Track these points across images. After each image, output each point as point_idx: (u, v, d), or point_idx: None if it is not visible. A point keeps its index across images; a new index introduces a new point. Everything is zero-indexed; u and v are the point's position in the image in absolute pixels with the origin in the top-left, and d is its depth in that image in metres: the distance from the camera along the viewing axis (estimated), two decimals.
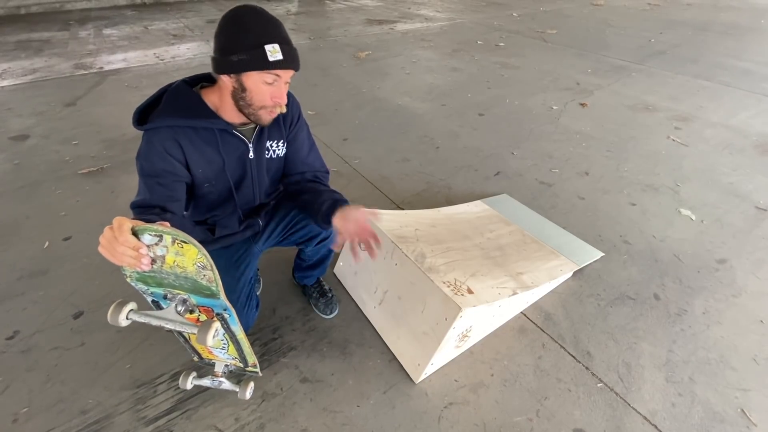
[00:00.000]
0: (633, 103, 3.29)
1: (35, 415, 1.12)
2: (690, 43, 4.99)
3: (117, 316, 0.72)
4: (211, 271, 0.73)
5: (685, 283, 1.64)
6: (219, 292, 0.77)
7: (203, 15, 5.81)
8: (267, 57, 0.85)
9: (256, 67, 0.86)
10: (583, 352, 1.35)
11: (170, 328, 0.76)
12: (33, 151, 2.40)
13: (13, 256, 1.65)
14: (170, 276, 0.75)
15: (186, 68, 3.73)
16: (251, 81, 0.88)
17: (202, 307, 0.83)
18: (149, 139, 0.92)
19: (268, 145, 1.08)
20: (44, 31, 4.82)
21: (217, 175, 1.01)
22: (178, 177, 0.94)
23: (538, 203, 2.07)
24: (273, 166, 1.14)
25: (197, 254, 0.71)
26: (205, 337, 0.72)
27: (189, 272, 0.74)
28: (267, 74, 0.88)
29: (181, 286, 0.78)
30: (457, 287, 1.21)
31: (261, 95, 0.90)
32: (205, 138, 0.96)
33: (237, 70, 0.87)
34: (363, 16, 5.97)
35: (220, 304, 0.81)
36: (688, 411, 1.19)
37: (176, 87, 0.96)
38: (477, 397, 1.21)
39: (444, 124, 2.90)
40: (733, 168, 2.44)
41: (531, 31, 5.35)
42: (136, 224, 0.69)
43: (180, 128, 0.92)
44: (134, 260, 0.69)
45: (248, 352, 1.00)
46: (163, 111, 0.92)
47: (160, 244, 0.70)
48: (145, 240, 0.70)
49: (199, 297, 0.80)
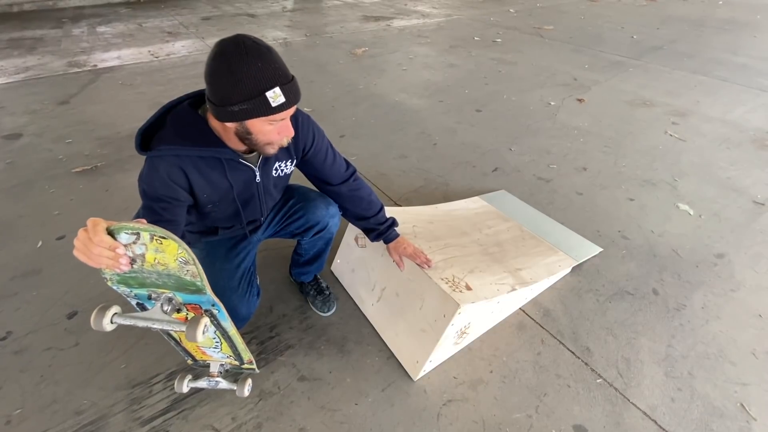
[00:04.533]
0: (630, 99, 3.29)
1: (29, 417, 1.10)
2: (686, 39, 4.99)
3: (101, 321, 0.69)
4: (194, 265, 0.70)
5: (683, 277, 1.64)
6: (205, 287, 0.74)
7: (198, 12, 5.76)
8: (270, 104, 0.81)
9: (259, 115, 0.82)
10: (582, 347, 1.35)
11: (158, 328, 0.74)
12: (26, 149, 2.37)
13: (6, 256, 1.63)
14: (152, 275, 0.73)
15: (181, 65, 3.70)
16: (256, 126, 0.85)
17: (190, 305, 0.81)
18: (152, 165, 0.89)
19: (277, 166, 1.07)
20: (37, 29, 4.77)
21: (223, 197, 1.01)
22: (179, 202, 0.93)
23: (536, 199, 2.06)
24: (281, 183, 1.14)
25: (178, 249, 0.68)
26: (195, 334, 0.70)
27: (171, 269, 0.71)
28: (271, 119, 0.84)
29: (165, 285, 0.75)
30: (455, 284, 1.21)
31: (267, 135, 0.88)
32: (211, 164, 0.94)
33: (239, 118, 0.83)
34: (359, 13, 5.94)
35: (207, 299, 0.78)
36: (688, 406, 1.19)
37: (180, 110, 0.92)
38: (476, 393, 1.20)
39: (441, 120, 2.88)
40: (731, 162, 2.44)
41: (528, 27, 5.34)
42: (111, 224, 0.66)
43: (185, 156, 0.90)
44: (112, 261, 0.66)
45: (242, 349, 0.98)
46: (168, 137, 0.89)
47: (138, 243, 0.68)
48: (122, 239, 0.67)
49: (185, 294, 0.78)
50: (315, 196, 1.23)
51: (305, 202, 1.22)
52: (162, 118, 0.91)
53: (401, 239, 1.29)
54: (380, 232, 1.27)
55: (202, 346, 0.99)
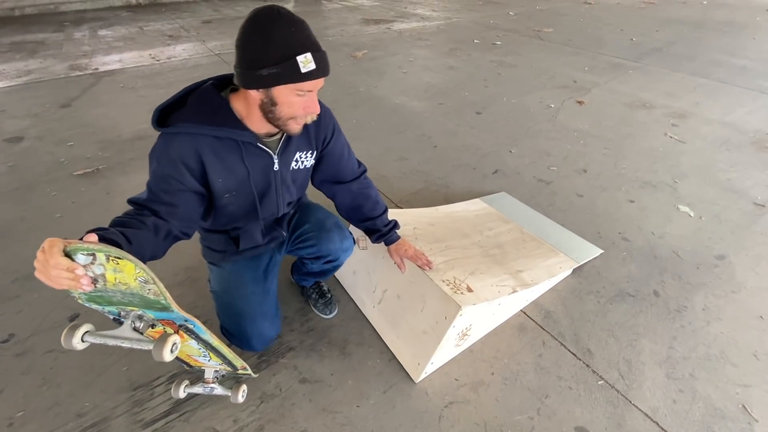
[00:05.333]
0: (630, 101, 3.30)
1: (31, 419, 1.10)
2: (686, 41, 5.00)
3: (71, 340, 0.67)
4: (154, 284, 0.67)
5: (684, 279, 1.64)
6: (170, 305, 0.71)
7: (199, 16, 5.79)
8: (300, 69, 0.78)
9: (288, 81, 0.80)
10: (584, 349, 1.35)
11: (127, 346, 0.71)
12: (27, 152, 2.38)
13: (8, 259, 1.63)
14: (117, 293, 0.70)
15: (182, 69, 3.71)
16: (282, 95, 0.82)
17: (164, 321, 0.78)
18: (166, 142, 0.87)
19: (297, 157, 1.04)
20: (39, 33, 4.79)
21: (239, 186, 0.97)
22: (184, 187, 0.88)
23: (537, 201, 2.06)
24: (299, 177, 1.10)
25: (135, 269, 0.65)
26: (161, 353, 0.67)
27: (133, 288, 0.69)
28: (300, 87, 0.82)
29: (131, 303, 0.73)
30: (456, 285, 1.21)
31: (292, 108, 0.85)
32: (228, 147, 0.91)
33: (267, 84, 0.80)
34: (359, 16, 5.96)
35: (177, 316, 0.76)
36: (690, 407, 1.19)
37: (204, 90, 0.90)
38: (477, 395, 1.20)
39: (442, 122, 2.89)
40: (731, 164, 2.44)
41: (527, 30, 5.36)
42: (67, 243, 0.64)
43: (202, 136, 0.87)
44: (73, 282, 0.63)
45: (232, 357, 0.96)
46: (186, 115, 0.86)
47: (95, 263, 0.65)
48: (80, 260, 0.64)
49: (154, 312, 0.75)
50: (331, 226, 1.19)
51: (319, 232, 1.18)
52: (183, 99, 0.89)
53: (402, 241, 1.30)
54: (383, 233, 1.27)
55: (192, 355, 0.97)
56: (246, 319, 1.09)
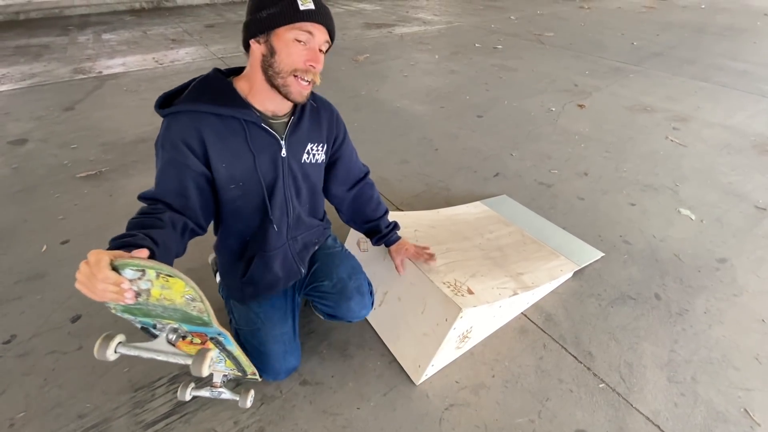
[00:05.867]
0: (631, 104, 3.30)
1: (32, 420, 1.10)
2: (686, 45, 5.01)
3: (105, 351, 0.67)
4: (201, 302, 0.68)
5: (686, 282, 1.64)
6: (212, 321, 0.72)
7: (202, 20, 5.83)
8: (298, 6, 0.78)
9: (285, 20, 0.79)
10: (585, 352, 1.34)
11: (162, 359, 0.72)
12: (31, 155, 2.40)
13: (11, 260, 1.64)
14: (158, 308, 0.70)
15: (185, 72, 3.74)
16: (282, 41, 0.81)
17: (195, 333, 0.79)
18: (168, 125, 0.85)
19: (309, 148, 1.00)
20: (43, 36, 4.83)
21: (246, 174, 0.92)
22: (188, 168, 0.85)
23: (538, 204, 2.07)
24: (312, 173, 1.04)
25: (185, 287, 0.65)
26: (200, 369, 0.68)
27: (178, 304, 0.69)
28: (299, 29, 0.80)
29: (171, 317, 0.73)
30: (457, 288, 1.21)
31: (292, 56, 0.82)
32: (232, 128, 0.87)
33: (266, 26, 0.80)
34: (361, 20, 6.00)
35: (213, 330, 0.76)
36: (691, 411, 1.18)
37: (207, 74, 0.90)
38: (478, 398, 1.20)
39: (443, 126, 2.90)
40: (732, 168, 2.44)
41: (528, 34, 5.38)
42: (114, 256, 0.63)
43: (203, 114, 0.85)
44: (117, 295, 0.63)
45: (246, 364, 0.97)
46: (188, 95, 0.86)
47: (143, 279, 0.65)
48: (127, 275, 0.64)
49: (191, 326, 0.76)
50: (351, 292, 1.13)
51: (339, 296, 1.13)
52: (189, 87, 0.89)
53: (403, 241, 1.30)
54: (383, 235, 1.28)
55: None
56: (276, 357, 1.10)
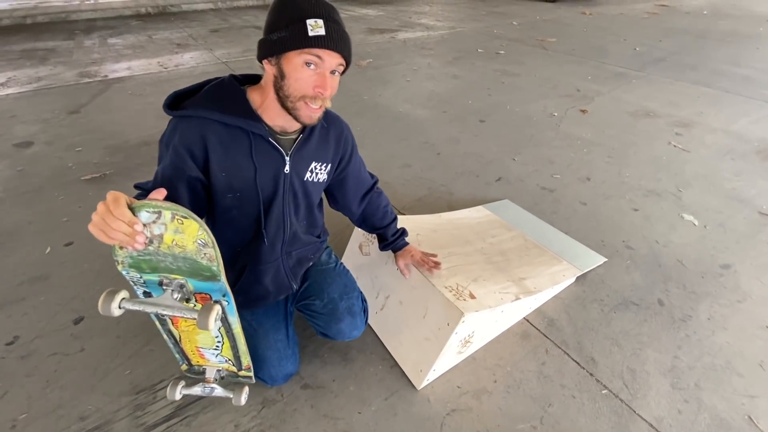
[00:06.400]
0: (633, 110, 3.30)
1: (34, 421, 1.11)
2: (689, 51, 5.02)
3: (109, 305, 0.67)
4: (212, 248, 0.68)
5: (689, 288, 1.63)
6: (220, 273, 0.71)
7: (207, 25, 5.88)
8: (307, 32, 0.75)
9: (294, 45, 0.76)
10: (587, 358, 1.34)
11: (168, 314, 0.71)
12: (37, 157, 2.42)
13: (15, 262, 1.65)
14: (167, 258, 0.70)
15: (189, 76, 3.77)
16: (291, 65, 0.79)
17: (199, 294, 0.78)
18: (174, 127, 0.85)
19: (313, 166, 0.98)
20: (50, 41, 4.88)
21: (245, 185, 0.90)
22: (185, 173, 0.84)
23: (540, 209, 2.06)
24: (313, 191, 1.03)
25: (198, 230, 0.65)
26: (207, 321, 0.67)
27: (189, 251, 0.69)
28: (307, 53, 0.77)
29: (179, 269, 0.72)
30: (459, 292, 1.21)
31: (300, 82, 0.80)
32: (238, 138, 0.86)
33: (276, 50, 0.78)
34: (364, 26, 6.04)
35: (219, 288, 0.76)
36: (695, 418, 1.17)
37: (222, 79, 0.88)
38: (480, 403, 1.19)
39: (445, 130, 2.91)
40: (735, 173, 2.44)
41: (531, 40, 5.40)
42: (132, 200, 0.64)
43: (210, 121, 0.84)
44: (129, 237, 0.62)
45: (243, 351, 0.96)
46: (199, 100, 0.85)
47: (158, 222, 0.65)
48: (143, 218, 0.64)
49: (198, 281, 0.75)
50: (342, 314, 1.12)
51: (330, 317, 1.13)
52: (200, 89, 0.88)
53: (409, 247, 1.30)
54: (389, 242, 1.28)
55: (202, 347, 0.97)
56: (270, 363, 1.09)
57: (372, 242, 1.42)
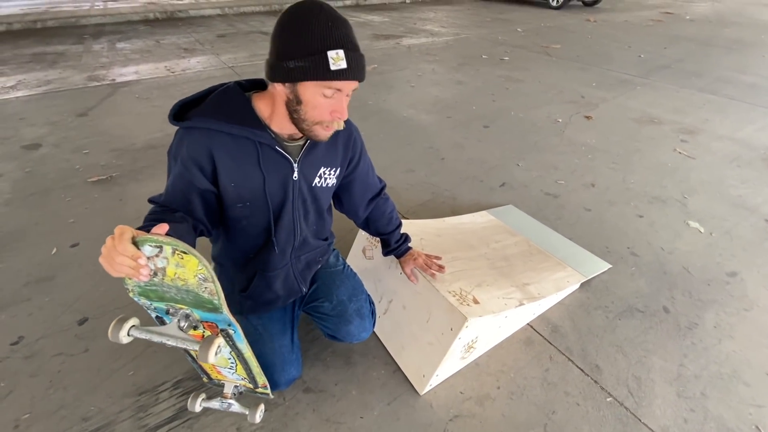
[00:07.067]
0: (638, 116, 3.30)
1: (37, 421, 1.11)
2: (694, 58, 5.02)
3: (118, 333, 0.69)
4: (212, 283, 0.70)
5: (695, 295, 1.61)
6: (221, 306, 0.73)
7: (214, 30, 5.95)
8: (329, 65, 0.72)
9: (314, 77, 0.74)
10: (592, 365, 1.33)
11: (172, 344, 0.73)
12: (44, 159, 2.44)
13: (21, 262, 1.67)
14: (172, 289, 0.73)
15: (196, 80, 3.81)
16: (308, 93, 0.76)
17: (207, 323, 0.80)
18: (180, 138, 0.84)
19: (321, 172, 0.97)
20: (59, 45, 4.95)
21: (254, 195, 0.90)
22: (195, 186, 0.85)
23: (544, 214, 2.06)
24: (321, 197, 1.02)
25: (198, 265, 0.67)
26: (207, 354, 0.69)
27: (190, 285, 0.71)
28: (327, 86, 0.76)
29: (183, 300, 0.75)
30: (462, 297, 1.20)
31: (318, 110, 0.79)
32: (244, 148, 0.85)
33: (293, 78, 0.75)
34: (369, 32, 6.08)
35: (223, 319, 0.77)
36: (701, 427, 1.16)
37: (226, 88, 0.86)
38: (483, 409, 1.18)
39: (449, 135, 2.91)
40: (741, 181, 2.42)
41: (535, 46, 5.42)
42: (137, 234, 0.66)
43: (216, 132, 0.82)
44: (133, 270, 0.64)
45: (257, 372, 0.97)
46: (204, 111, 0.83)
47: (160, 256, 0.67)
48: (146, 251, 0.67)
49: (202, 312, 0.77)
50: (351, 316, 1.13)
51: (338, 319, 1.13)
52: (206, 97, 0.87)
53: (412, 251, 1.30)
54: (392, 248, 1.28)
55: (217, 366, 0.98)
56: (275, 368, 1.09)
57: (375, 246, 1.42)
